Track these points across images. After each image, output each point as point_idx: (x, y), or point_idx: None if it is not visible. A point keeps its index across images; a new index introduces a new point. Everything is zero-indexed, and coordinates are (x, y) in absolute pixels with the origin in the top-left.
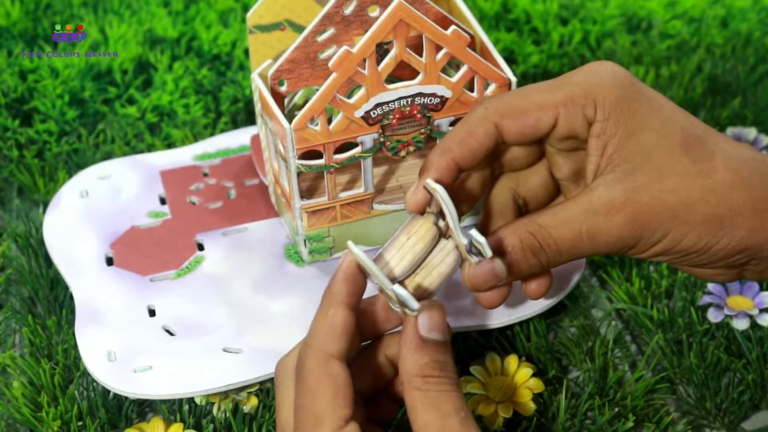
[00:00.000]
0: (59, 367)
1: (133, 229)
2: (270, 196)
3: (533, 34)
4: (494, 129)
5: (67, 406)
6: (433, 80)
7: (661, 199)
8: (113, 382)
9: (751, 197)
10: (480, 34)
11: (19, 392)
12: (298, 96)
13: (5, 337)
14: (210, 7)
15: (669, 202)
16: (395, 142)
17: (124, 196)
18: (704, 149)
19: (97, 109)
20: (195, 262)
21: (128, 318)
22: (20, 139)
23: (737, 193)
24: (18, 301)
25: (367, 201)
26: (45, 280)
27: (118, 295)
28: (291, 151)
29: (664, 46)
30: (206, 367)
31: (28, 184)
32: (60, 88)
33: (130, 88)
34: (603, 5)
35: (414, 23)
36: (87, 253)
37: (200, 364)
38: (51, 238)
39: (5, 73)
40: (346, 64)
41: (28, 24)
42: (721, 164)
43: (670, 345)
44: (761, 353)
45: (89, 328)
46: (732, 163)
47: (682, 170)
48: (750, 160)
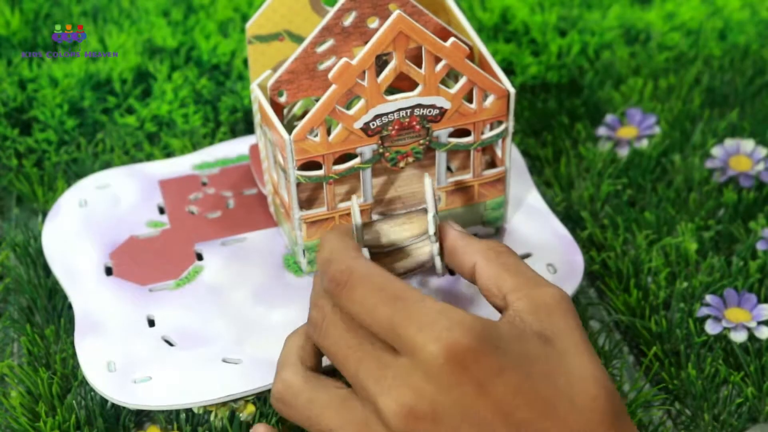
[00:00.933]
0: (57, 376)
1: (132, 239)
2: (269, 206)
3: (532, 45)
4: None
5: (65, 416)
6: (432, 92)
7: None
8: (113, 392)
9: None
10: (479, 46)
11: (17, 402)
12: (297, 107)
13: (3, 346)
14: (209, 17)
15: None
16: (394, 153)
17: (123, 205)
18: None
19: (97, 118)
20: (194, 272)
21: (128, 328)
22: (19, 148)
23: None
24: (16, 310)
25: (366, 211)
26: (43, 289)
27: (118, 305)
28: (291, 162)
29: (663, 58)
30: (206, 377)
31: (27, 193)
32: (59, 97)
33: (130, 97)
34: (601, 17)
35: (414, 35)
36: (86, 263)
37: (200, 375)
38: (50, 247)
39: (5, 82)
40: (346, 75)
41: (27, 33)
42: None
43: (668, 356)
44: (759, 366)
45: (88, 338)
46: None
47: None
48: None
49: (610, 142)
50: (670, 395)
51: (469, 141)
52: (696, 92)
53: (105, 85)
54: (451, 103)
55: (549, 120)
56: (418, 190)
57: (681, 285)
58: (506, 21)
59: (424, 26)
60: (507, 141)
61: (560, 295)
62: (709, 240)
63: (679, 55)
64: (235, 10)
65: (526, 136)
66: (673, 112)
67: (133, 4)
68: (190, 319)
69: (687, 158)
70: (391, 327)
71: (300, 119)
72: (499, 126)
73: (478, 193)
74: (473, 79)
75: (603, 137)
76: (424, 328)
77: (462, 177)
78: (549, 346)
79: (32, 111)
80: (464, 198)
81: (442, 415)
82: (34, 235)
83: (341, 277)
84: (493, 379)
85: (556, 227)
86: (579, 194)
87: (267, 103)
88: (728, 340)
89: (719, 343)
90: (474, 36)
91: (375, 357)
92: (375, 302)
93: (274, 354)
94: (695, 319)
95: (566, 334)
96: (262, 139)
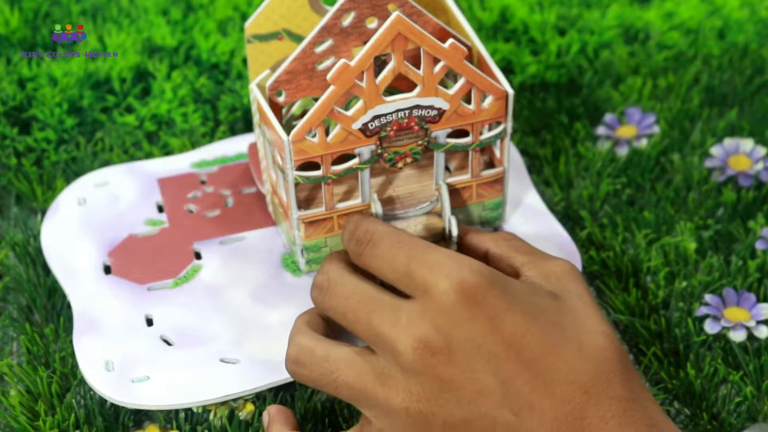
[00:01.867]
0: (56, 375)
1: (131, 238)
2: (267, 205)
3: (531, 44)
4: None
5: (64, 415)
6: (431, 92)
7: None
8: (111, 392)
9: None
10: (477, 46)
11: (17, 401)
12: (296, 106)
13: (3, 345)
14: (209, 16)
15: None
16: (393, 153)
17: (121, 203)
18: None
19: (96, 117)
20: (192, 271)
21: (126, 327)
22: (19, 147)
23: None
24: (16, 309)
25: (365, 212)
26: (43, 288)
27: (116, 304)
28: (289, 162)
29: (662, 57)
30: (204, 377)
31: (26, 192)
32: (59, 96)
33: (129, 96)
34: (601, 16)
35: (412, 36)
36: (85, 262)
37: (198, 375)
38: (49, 245)
39: (4, 81)
40: (345, 77)
41: (27, 32)
42: None
43: (667, 356)
44: (758, 365)
45: (87, 337)
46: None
47: None
48: None
49: (609, 141)
50: (669, 394)
51: (467, 141)
52: (695, 91)
53: (104, 84)
54: (449, 104)
55: (548, 119)
56: (416, 190)
57: (680, 284)
58: (505, 20)
59: (423, 27)
60: (506, 142)
61: (570, 266)
62: (708, 239)
63: (678, 54)
64: (234, 9)
65: (525, 135)
66: (672, 111)
67: (132, 3)
68: (188, 319)
69: (686, 157)
70: (407, 272)
71: (298, 119)
72: (498, 127)
73: (476, 194)
74: (471, 80)
75: (602, 136)
76: (435, 268)
77: (460, 178)
78: (559, 302)
79: (31, 110)
80: (462, 198)
81: (456, 349)
82: (33, 234)
83: (365, 236)
84: (503, 315)
85: (554, 227)
86: (578, 193)
87: (265, 103)
88: (727, 339)
89: (718, 343)
90: (473, 36)
91: (387, 304)
92: (394, 253)
93: (273, 353)
94: (694, 319)
95: (576, 296)
96: (260, 139)
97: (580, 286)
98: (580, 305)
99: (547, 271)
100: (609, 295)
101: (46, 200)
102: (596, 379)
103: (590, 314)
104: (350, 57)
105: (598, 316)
